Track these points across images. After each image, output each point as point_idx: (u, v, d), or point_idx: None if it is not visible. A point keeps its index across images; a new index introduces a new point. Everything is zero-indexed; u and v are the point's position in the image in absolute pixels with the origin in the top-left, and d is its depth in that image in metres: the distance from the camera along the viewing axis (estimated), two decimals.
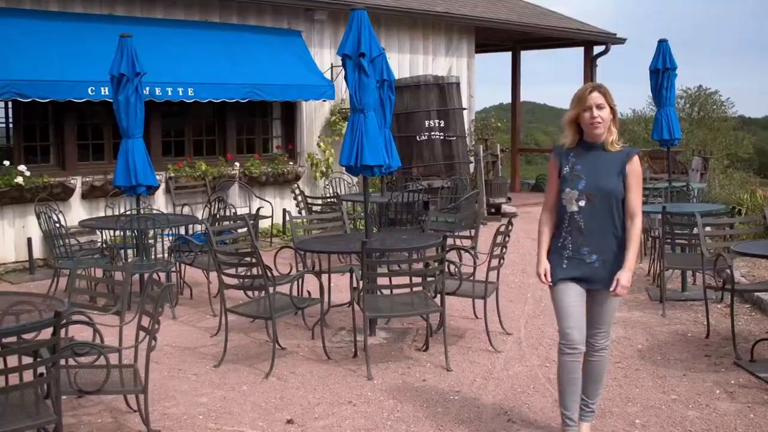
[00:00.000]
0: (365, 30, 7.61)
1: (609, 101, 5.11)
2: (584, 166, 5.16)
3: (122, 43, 9.24)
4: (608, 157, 5.14)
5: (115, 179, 9.47)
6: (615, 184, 5.09)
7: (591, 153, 5.17)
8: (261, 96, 13.52)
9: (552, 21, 20.31)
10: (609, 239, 5.13)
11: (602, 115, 5.07)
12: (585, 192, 5.12)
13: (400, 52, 16.87)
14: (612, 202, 5.10)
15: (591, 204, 5.11)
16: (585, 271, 5.15)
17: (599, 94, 5.09)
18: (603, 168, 5.12)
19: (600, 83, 5.22)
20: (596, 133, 5.12)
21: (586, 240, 5.15)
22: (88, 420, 5.98)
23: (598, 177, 5.11)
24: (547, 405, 6.22)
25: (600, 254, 5.14)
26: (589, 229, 5.14)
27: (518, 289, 10.21)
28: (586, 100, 5.08)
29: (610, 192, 5.09)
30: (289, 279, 7.67)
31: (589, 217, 5.12)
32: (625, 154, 5.14)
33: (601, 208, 5.10)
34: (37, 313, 5.14)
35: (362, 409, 6.19)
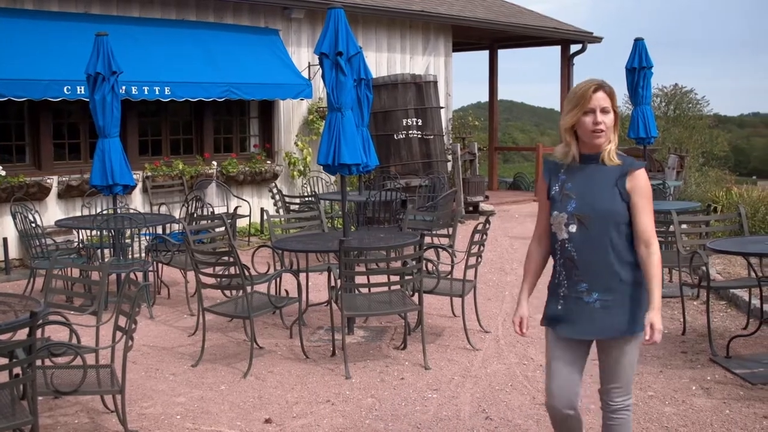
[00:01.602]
0: (342, 28, 7.61)
1: (614, 104, 4.14)
2: (576, 183, 4.18)
3: (98, 42, 9.20)
4: (605, 171, 4.15)
5: (92, 179, 9.42)
6: (612, 203, 4.10)
7: (586, 167, 4.18)
8: (238, 95, 13.48)
9: (529, 20, 20.37)
10: (608, 273, 4.12)
11: (606, 121, 4.09)
12: (575, 214, 4.14)
13: (378, 50, 16.87)
14: (609, 227, 4.10)
15: (583, 229, 4.12)
16: (584, 314, 4.19)
17: (605, 95, 4.11)
18: (598, 185, 4.14)
19: (604, 81, 4.17)
20: (597, 144, 4.11)
21: (581, 274, 4.18)
22: (64, 421, 5.95)
23: (591, 195, 4.13)
24: (525, 402, 6.24)
25: (601, 293, 4.15)
26: (583, 260, 4.15)
27: (496, 287, 10.24)
28: (590, 101, 4.08)
29: (606, 214, 4.09)
30: (267, 278, 7.66)
31: (582, 246, 4.14)
32: (625, 168, 4.13)
33: (596, 234, 4.11)
34: (12, 313, 5.12)
35: (340, 408, 6.19)
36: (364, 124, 8.75)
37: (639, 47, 11.75)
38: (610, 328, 4.16)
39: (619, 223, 4.11)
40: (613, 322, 4.15)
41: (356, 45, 7.81)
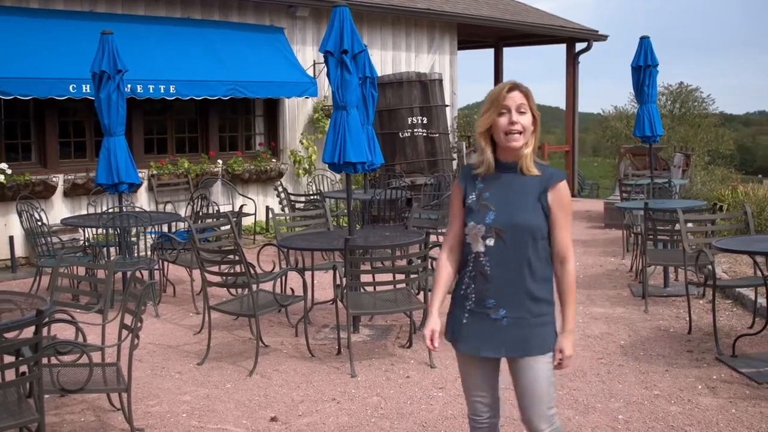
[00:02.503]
0: (347, 27, 7.61)
1: (531, 105, 3.90)
2: (494, 193, 3.92)
3: (103, 41, 9.20)
4: (524, 181, 3.90)
5: (98, 177, 9.43)
6: (532, 217, 3.86)
7: (504, 176, 3.93)
8: (243, 93, 13.49)
9: (534, 18, 20.36)
10: (521, 290, 3.88)
11: (523, 122, 3.84)
12: (494, 227, 3.86)
13: (383, 48, 16.87)
14: (527, 241, 3.85)
15: (501, 243, 3.86)
16: (490, 330, 3.92)
17: (521, 94, 3.88)
18: (518, 196, 3.89)
19: (520, 82, 3.96)
20: (513, 146, 3.85)
21: (491, 289, 3.90)
22: (71, 419, 5.97)
23: (511, 208, 3.87)
24: None
25: (509, 309, 3.89)
26: (496, 275, 3.88)
27: None
28: (504, 101, 3.86)
29: (525, 228, 3.85)
30: (273, 276, 7.66)
31: (498, 260, 3.87)
32: (546, 179, 3.89)
33: (513, 249, 3.85)
34: (18, 311, 5.12)
35: (346, 407, 6.19)
36: (370, 122, 8.75)
37: (644, 45, 11.72)
38: (519, 347, 3.90)
39: (538, 238, 3.88)
40: (523, 341, 3.89)
41: (361, 43, 7.81)
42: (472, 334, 3.96)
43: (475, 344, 3.96)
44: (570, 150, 21.22)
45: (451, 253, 4.07)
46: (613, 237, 13.60)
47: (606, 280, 10.48)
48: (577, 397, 6.32)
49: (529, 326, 3.90)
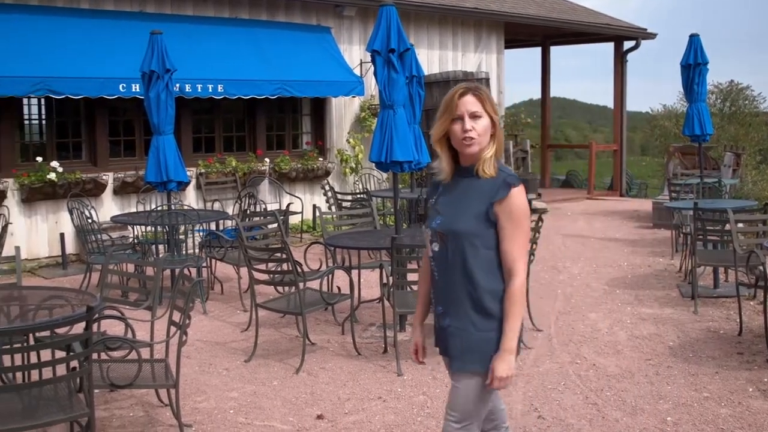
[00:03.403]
0: (394, 26, 7.60)
1: (488, 108, 3.69)
2: (447, 198, 3.80)
3: (153, 40, 9.29)
4: (477, 186, 3.70)
5: (147, 175, 9.52)
6: (470, 223, 3.65)
7: (461, 181, 3.77)
8: (290, 92, 13.54)
9: (581, 16, 20.20)
10: (464, 300, 3.68)
11: (478, 127, 3.65)
12: (438, 232, 3.75)
13: (429, 47, 16.83)
14: (465, 249, 3.65)
15: (444, 248, 3.73)
16: (442, 337, 3.83)
17: (474, 99, 3.67)
18: (466, 201, 3.71)
19: (476, 84, 3.76)
20: (470, 152, 3.68)
21: (438, 295, 3.82)
22: (120, 414, 6.03)
23: (454, 212, 3.72)
24: (578, 402, 6.19)
25: (452, 318, 3.75)
26: (441, 281, 3.78)
27: (548, 285, 10.17)
28: (457, 107, 3.67)
29: (462, 234, 3.65)
30: (319, 275, 7.68)
31: (442, 266, 3.76)
32: (496, 187, 3.64)
33: (453, 256, 3.69)
34: (69, 307, 5.20)
35: (392, 405, 6.18)
36: (416, 121, 8.73)
37: (694, 43, 11.58)
38: (456, 357, 3.75)
39: (478, 246, 3.65)
40: (461, 352, 3.72)
41: (408, 42, 7.80)
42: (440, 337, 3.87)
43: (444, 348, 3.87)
44: (618, 149, 21.02)
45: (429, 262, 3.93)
46: (662, 237, 13.44)
47: (654, 280, 10.36)
48: (625, 398, 6.26)
49: (469, 338, 3.70)
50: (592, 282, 10.32)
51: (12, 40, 11.21)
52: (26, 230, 11.61)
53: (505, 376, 3.64)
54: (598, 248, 12.78)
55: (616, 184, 21.11)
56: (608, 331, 8.08)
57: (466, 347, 3.71)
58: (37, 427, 4.72)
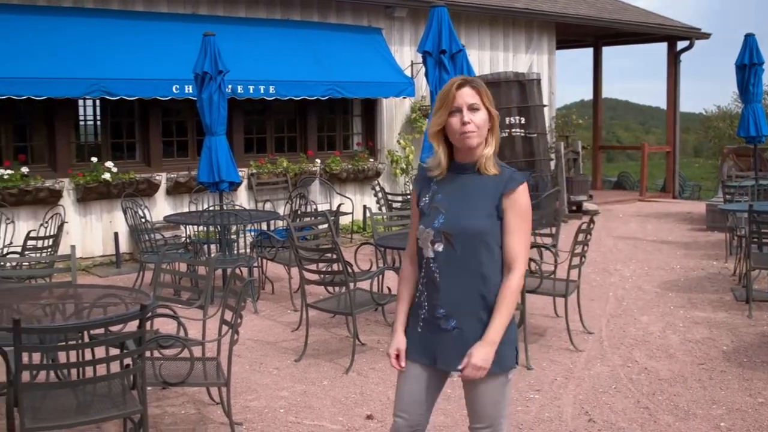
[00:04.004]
0: (445, 27, 7.59)
1: (485, 101, 3.60)
2: (446, 195, 3.66)
3: (205, 42, 9.37)
4: (480, 183, 3.62)
5: (199, 175, 9.60)
6: (484, 222, 3.56)
7: (459, 177, 3.66)
8: (341, 93, 13.58)
9: (634, 16, 19.99)
10: (472, 300, 3.59)
11: (476, 120, 3.55)
12: (442, 231, 3.60)
13: (480, 48, 16.78)
14: (479, 248, 3.56)
15: (450, 249, 3.59)
16: (442, 342, 3.65)
17: (472, 91, 3.57)
18: (471, 198, 3.60)
19: (473, 77, 3.71)
20: (468, 145, 3.58)
21: (441, 298, 3.63)
22: (172, 411, 6.09)
23: (461, 211, 3.60)
24: (629, 405, 6.12)
25: (460, 320, 3.61)
26: (446, 283, 3.61)
27: (599, 287, 10.08)
28: (454, 100, 3.57)
29: (476, 233, 3.56)
30: (370, 275, 7.68)
31: (447, 267, 3.60)
32: (504, 181, 3.59)
33: (464, 256, 3.57)
34: (123, 305, 5.25)
35: (442, 406, 6.16)
36: None
37: (750, 43, 11.41)
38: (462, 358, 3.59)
39: (492, 245, 3.57)
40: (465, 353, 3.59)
41: (459, 43, 7.79)
42: (427, 344, 3.69)
43: (430, 354, 3.69)
44: (671, 150, 20.77)
45: (412, 263, 3.80)
46: (716, 240, 13.25)
47: (708, 283, 10.22)
48: (677, 402, 6.18)
49: (477, 340, 3.57)
50: (644, 285, 10.21)
51: (69, 43, 11.39)
52: (81, 229, 11.78)
53: (480, 365, 3.51)
54: (651, 251, 12.63)
55: (668, 186, 20.87)
56: (660, 335, 7.98)
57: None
58: (91, 423, 4.79)
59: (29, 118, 11.75)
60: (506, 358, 3.64)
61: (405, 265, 3.85)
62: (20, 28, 11.16)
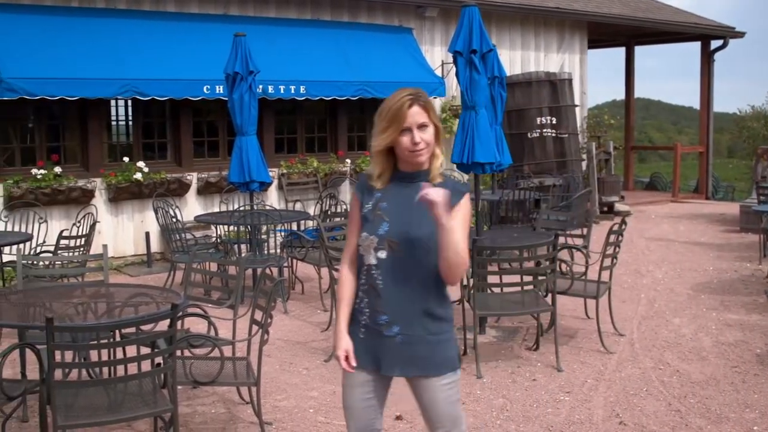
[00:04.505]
0: (476, 26, 7.57)
1: (432, 117, 3.65)
2: (391, 203, 3.68)
3: (236, 42, 9.41)
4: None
5: (230, 175, 9.65)
6: (431, 231, 3.54)
7: (405, 186, 3.68)
8: (372, 93, 13.59)
9: (667, 15, 19.85)
10: (417, 306, 3.63)
11: (426, 138, 3.61)
12: (387, 239, 3.63)
13: (511, 48, 16.73)
14: (424, 256, 3.60)
15: (394, 256, 3.62)
16: (384, 348, 3.67)
17: (420, 109, 3.61)
18: (416, 207, 3.55)
19: (418, 91, 3.68)
20: (419, 162, 3.65)
21: (383, 305, 3.65)
22: (202, 410, 6.13)
23: (406, 219, 3.62)
24: (661, 409, 6.09)
25: (403, 326, 3.63)
26: (388, 290, 3.64)
27: (631, 289, 10.02)
28: (405, 118, 3.60)
29: (421, 241, 3.59)
30: None
31: (391, 274, 3.63)
32: (454, 190, 3.62)
33: (408, 264, 3.62)
34: (154, 305, 5.30)
35: (471, 408, 6.16)
36: (498, 122, 8.69)
37: None
38: (414, 366, 3.66)
39: (433, 252, 3.58)
40: (418, 360, 3.64)
41: (490, 42, 7.76)
42: (370, 350, 3.70)
43: (374, 360, 3.71)
44: (704, 151, 20.61)
45: (351, 266, 3.79)
46: (749, 241, 13.13)
47: (741, 285, 10.14)
48: (709, 406, 6.14)
49: (425, 344, 3.64)
50: (676, 286, 10.14)
51: (101, 43, 11.50)
52: (113, 229, 11.88)
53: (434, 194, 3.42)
54: (683, 252, 12.54)
55: (701, 187, 20.70)
56: (692, 337, 7.93)
57: (423, 354, 3.65)
58: (122, 421, 4.84)
59: (62, 118, 11.88)
60: (452, 358, 3.72)
61: (344, 269, 3.82)
62: (53, 29, 11.28)
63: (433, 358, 3.66)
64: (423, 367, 3.66)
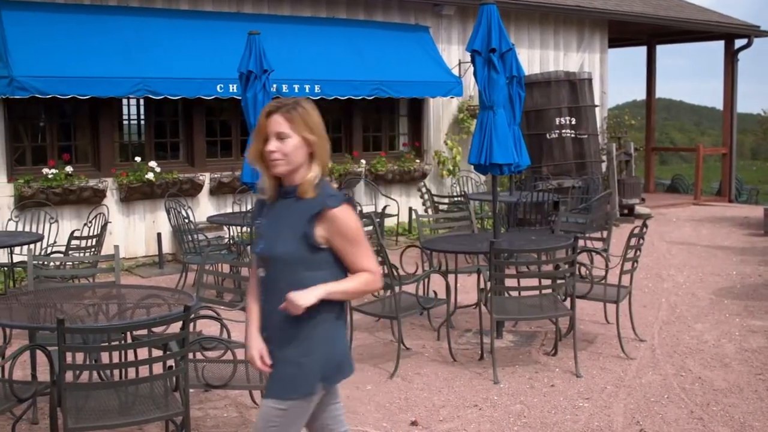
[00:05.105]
0: (495, 25, 7.57)
1: (299, 128, 3.60)
2: (269, 220, 3.72)
3: (250, 41, 9.43)
4: (297, 207, 3.63)
5: (243, 176, 9.67)
6: (291, 247, 3.58)
7: (283, 202, 3.70)
8: (387, 93, 13.60)
9: (689, 13, 19.77)
10: (282, 326, 3.63)
11: (284, 148, 3.57)
12: (260, 257, 3.72)
13: (530, 47, 16.71)
14: (287, 274, 3.61)
15: (268, 274, 3.69)
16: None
17: (282, 119, 3.60)
18: (283, 223, 3.64)
19: (292, 101, 3.68)
20: (276, 173, 3.63)
21: (264, 321, 3.74)
22: (214, 414, 6.14)
23: (276, 236, 3.65)
24: (682, 416, 6.06)
25: (273, 344, 3.69)
26: (266, 307, 3.71)
27: (652, 294, 9.99)
28: (263, 128, 3.63)
29: (282, 259, 3.61)
30: (416, 278, 7.69)
31: (266, 292, 3.70)
32: (317, 207, 3.58)
33: (276, 281, 3.65)
34: (166, 306, 5.31)
35: (488, 414, 6.16)
36: (516, 122, 8.68)
37: None
38: (268, 384, 3.74)
39: (301, 271, 3.59)
40: (271, 378, 3.70)
41: (509, 41, 7.76)
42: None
43: None
44: (727, 153, 20.52)
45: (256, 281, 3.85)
46: None
47: (765, 290, 10.09)
48: (732, 414, 6.11)
49: (284, 365, 3.65)
50: (698, 291, 10.10)
51: (113, 41, 11.54)
52: (124, 229, 11.93)
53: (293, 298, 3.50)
54: (705, 256, 12.49)
55: (724, 190, 20.61)
56: (715, 343, 7.89)
57: (280, 374, 3.67)
58: (133, 424, 4.85)
59: (74, 117, 11.93)
60: (287, 382, 3.64)
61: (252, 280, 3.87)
62: (65, 27, 11.34)
63: (278, 380, 3.67)
64: (269, 387, 3.71)
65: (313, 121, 3.67)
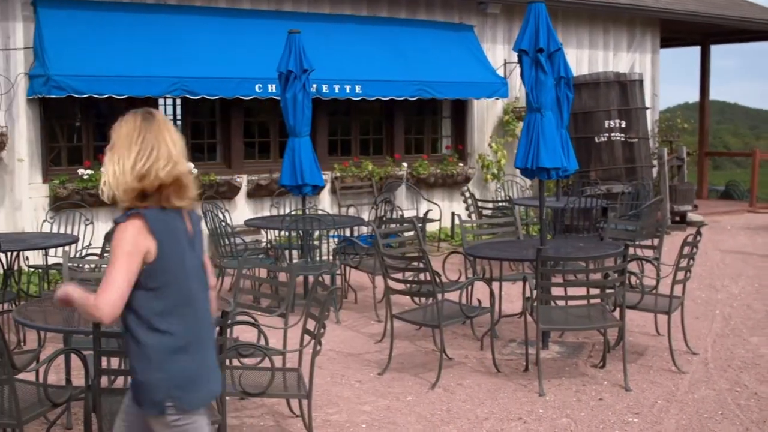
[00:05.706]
0: (543, 24, 7.53)
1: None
2: None
3: (290, 40, 9.47)
4: None
5: (281, 178, 9.71)
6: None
7: None
8: (430, 94, 13.59)
9: (747, 11, 19.55)
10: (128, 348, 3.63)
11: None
12: None
13: (578, 47, 16.62)
14: None
15: None
16: None
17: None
18: None
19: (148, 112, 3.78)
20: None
21: None
22: (250, 422, 6.17)
23: None
24: None
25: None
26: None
27: (705, 305, 9.89)
28: None
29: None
30: (459, 286, 7.68)
31: None
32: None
33: None
34: None
35: (533, 427, 6.13)
36: (564, 125, 8.65)
37: None
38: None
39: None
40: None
41: (557, 41, 7.72)
42: None
43: None
44: None
45: None
46: None
47: None
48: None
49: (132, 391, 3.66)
50: (754, 303, 9.98)
51: (151, 40, 11.65)
52: None
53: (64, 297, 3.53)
54: (761, 266, 12.34)
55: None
56: None
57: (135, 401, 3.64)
58: None
59: (110, 117, 12.03)
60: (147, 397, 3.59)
61: None
62: (102, 25, 11.46)
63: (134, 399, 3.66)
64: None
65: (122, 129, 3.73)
